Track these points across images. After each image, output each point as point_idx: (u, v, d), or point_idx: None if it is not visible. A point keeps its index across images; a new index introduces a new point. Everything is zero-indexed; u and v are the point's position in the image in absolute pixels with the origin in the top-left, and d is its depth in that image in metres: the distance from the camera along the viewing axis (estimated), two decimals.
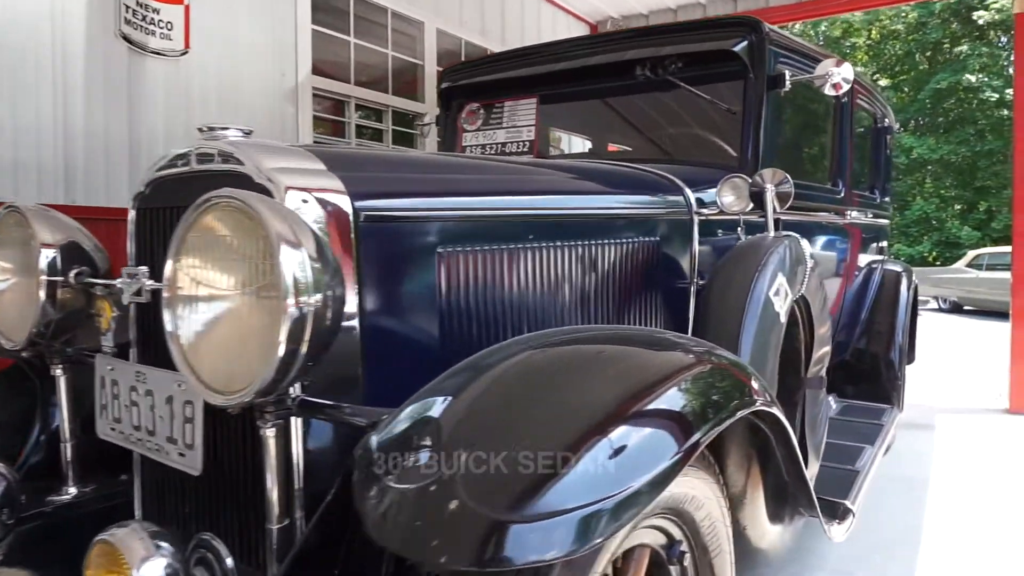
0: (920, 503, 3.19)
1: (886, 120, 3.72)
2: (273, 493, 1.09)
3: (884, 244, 3.92)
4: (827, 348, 2.10)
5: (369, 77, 4.18)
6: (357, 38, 4.06)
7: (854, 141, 3.25)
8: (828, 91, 2.23)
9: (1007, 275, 5.13)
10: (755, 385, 1.20)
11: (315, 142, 3.82)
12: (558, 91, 2.77)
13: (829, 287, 3.10)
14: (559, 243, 1.66)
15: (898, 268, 3.84)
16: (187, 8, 3.18)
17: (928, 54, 22.53)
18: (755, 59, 2.30)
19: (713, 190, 2.04)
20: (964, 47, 20.79)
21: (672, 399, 1.03)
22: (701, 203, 2.08)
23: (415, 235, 1.39)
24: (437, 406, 0.98)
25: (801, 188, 2.65)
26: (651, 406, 0.99)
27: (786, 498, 1.49)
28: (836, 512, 2.02)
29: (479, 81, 2.85)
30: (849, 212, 3.03)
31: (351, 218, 1.25)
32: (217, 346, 1.06)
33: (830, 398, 3.36)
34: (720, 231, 2.14)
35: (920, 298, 13.41)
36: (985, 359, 7.22)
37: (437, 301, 1.40)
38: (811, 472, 2.07)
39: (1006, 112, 19.00)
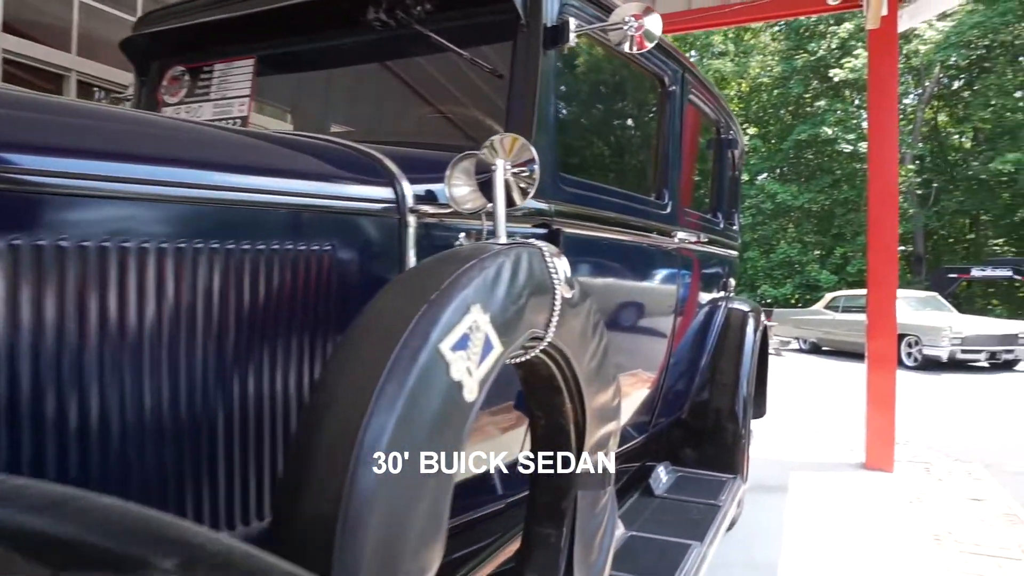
0: None
1: (731, 132, 3.17)
2: None
3: (730, 279, 3.35)
4: (612, 426, 1.37)
5: (105, 49, 3.24)
6: None
7: (689, 149, 2.65)
8: (627, 47, 1.56)
9: (862, 317, 4.81)
10: None
11: None
12: (284, 51, 1.98)
13: (656, 326, 2.44)
14: (112, 241, 0.84)
15: (745, 307, 3.28)
16: None
17: (791, 107, 23.72)
18: (528, 1, 1.60)
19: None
20: (822, 102, 22.06)
21: None
22: (426, 198, 1.32)
23: None
24: None
25: (610, 195, 1.98)
26: None
27: None
28: None
29: (173, 29, 2.01)
30: (677, 233, 2.39)
31: None
32: None
33: (660, 468, 2.68)
34: (456, 241, 1.39)
35: (783, 339, 13.43)
36: (841, 405, 6.96)
37: None
38: None
39: (858, 165, 20.17)
